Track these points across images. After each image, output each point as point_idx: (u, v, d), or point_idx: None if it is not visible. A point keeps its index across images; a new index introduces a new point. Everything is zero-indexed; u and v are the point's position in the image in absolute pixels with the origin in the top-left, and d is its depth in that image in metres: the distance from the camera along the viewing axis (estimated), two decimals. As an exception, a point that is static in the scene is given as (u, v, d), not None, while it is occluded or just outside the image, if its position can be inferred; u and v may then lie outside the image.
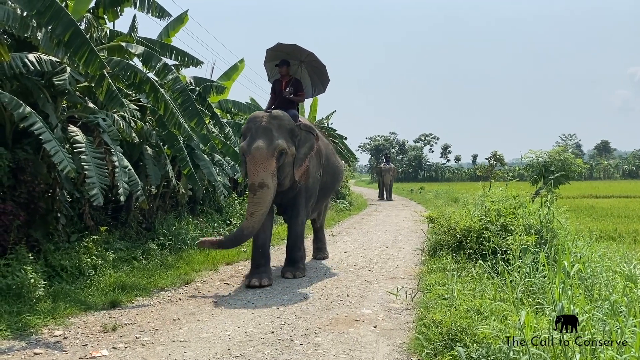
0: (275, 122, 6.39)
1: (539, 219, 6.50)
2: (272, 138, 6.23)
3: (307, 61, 7.32)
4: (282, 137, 6.33)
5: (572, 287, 3.88)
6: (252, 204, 6.14)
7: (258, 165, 6.14)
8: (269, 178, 6.14)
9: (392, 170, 25.25)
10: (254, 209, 6.11)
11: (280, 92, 6.94)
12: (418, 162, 63.90)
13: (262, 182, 6.11)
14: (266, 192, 6.12)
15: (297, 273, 6.74)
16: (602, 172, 60.61)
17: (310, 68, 7.47)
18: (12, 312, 4.55)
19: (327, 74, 7.43)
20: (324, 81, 7.58)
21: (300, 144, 6.59)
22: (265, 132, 6.26)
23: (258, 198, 6.11)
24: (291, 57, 7.18)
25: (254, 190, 6.13)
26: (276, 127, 6.34)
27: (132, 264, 6.63)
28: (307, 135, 6.69)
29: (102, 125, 6.19)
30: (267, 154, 6.15)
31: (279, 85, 7.04)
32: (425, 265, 6.98)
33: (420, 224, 11.55)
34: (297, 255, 6.88)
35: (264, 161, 6.14)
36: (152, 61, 7.09)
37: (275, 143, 6.21)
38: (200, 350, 3.98)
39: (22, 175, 5.68)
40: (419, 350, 3.86)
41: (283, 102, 6.92)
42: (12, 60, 5.45)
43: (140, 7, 8.19)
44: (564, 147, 13.80)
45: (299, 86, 7.06)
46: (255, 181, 6.13)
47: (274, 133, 6.28)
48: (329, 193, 8.14)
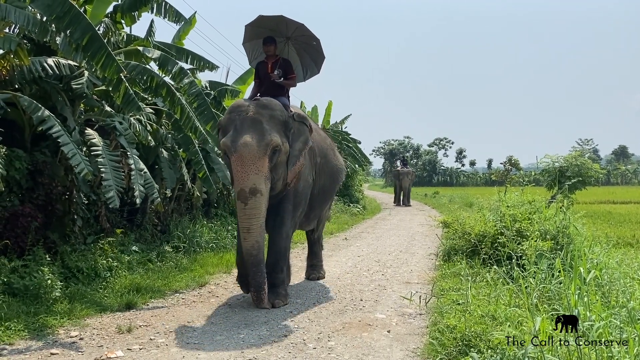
0: (266, 112, 5.24)
1: (555, 224, 6.43)
2: (263, 132, 5.08)
3: (296, 37, 6.04)
4: (275, 130, 5.19)
5: (588, 293, 3.84)
6: (245, 217, 5.00)
7: (247, 167, 4.98)
8: (261, 182, 5.02)
9: (410, 173, 23.77)
10: (249, 223, 5.00)
11: (267, 75, 5.72)
12: (432, 167, 63.66)
13: (254, 188, 4.97)
14: (259, 200, 5.00)
15: (276, 301, 5.33)
16: (619, 177, 59.86)
17: (299, 45, 6.15)
18: (29, 313, 4.60)
19: (322, 50, 6.08)
20: (318, 60, 6.23)
21: (294, 138, 5.46)
22: (254, 124, 5.11)
23: (251, 209, 4.98)
24: (276, 33, 5.90)
25: (244, 199, 4.97)
26: (267, 119, 5.20)
27: (147, 266, 6.68)
28: (300, 128, 5.55)
29: (119, 128, 6.26)
30: (259, 152, 5.01)
31: (264, 67, 5.78)
32: (439, 270, 6.94)
33: (435, 229, 11.50)
34: (277, 278, 5.52)
35: (255, 161, 5.00)
36: (168, 65, 7.17)
37: (267, 138, 5.07)
38: (213, 352, 3.99)
39: (40, 178, 5.77)
40: (432, 355, 3.83)
41: (271, 88, 5.72)
42: (32, 64, 5.56)
43: (158, 11, 8.29)
44: (580, 152, 13.67)
45: (288, 67, 5.82)
46: (246, 187, 4.97)
47: (264, 126, 5.12)
48: (328, 198, 6.81)
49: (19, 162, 5.54)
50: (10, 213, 5.39)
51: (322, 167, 6.30)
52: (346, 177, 19.20)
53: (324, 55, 6.16)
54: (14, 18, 5.24)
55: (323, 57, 6.19)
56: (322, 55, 6.15)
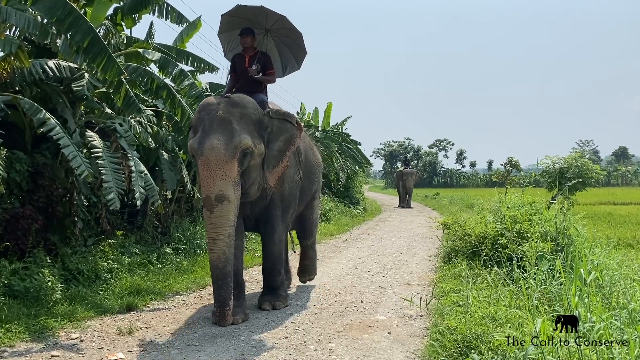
0: (237, 110, 4.81)
1: (555, 225, 6.43)
2: (232, 133, 4.66)
3: (276, 29, 5.66)
4: (246, 131, 4.77)
5: (589, 294, 3.84)
6: (211, 226, 4.58)
7: (214, 172, 4.57)
8: (229, 188, 4.59)
9: (413, 174, 23.06)
10: (215, 233, 4.57)
11: (244, 70, 5.33)
12: (433, 168, 63.54)
13: (221, 195, 4.55)
14: (227, 208, 4.57)
15: (277, 303, 5.38)
16: (620, 178, 59.76)
17: (279, 38, 5.78)
18: (29, 315, 4.61)
19: (304, 44, 5.72)
20: (299, 55, 5.88)
21: (272, 137, 5.06)
22: (222, 124, 4.70)
23: (217, 217, 4.56)
24: (255, 24, 5.53)
25: (209, 207, 4.56)
26: (238, 118, 4.77)
27: (147, 268, 6.68)
28: (281, 126, 5.13)
29: (119, 130, 6.27)
30: (226, 155, 4.59)
31: (242, 61, 5.40)
32: (440, 272, 6.94)
33: (435, 230, 11.50)
34: (276, 280, 5.49)
35: (222, 165, 4.58)
36: (169, 67, 7.18)
37: (236, 140, 4.64)
38: (214, 354, 4.00)
39: (40, 180, 5.78)
40: (433, 357, 3.84)
41: (247, 84, 5.34)
42: (32, 67, 5.57)
43: (159, 13, 8.28)
44: (580, 153, 13.69)
45: (268, 62, 5.44)
46: (212, 193, 4.56)
47: (234, 126, 4.70)
48: (303, 199, 6.19)
49: (19, 164, 5.55)
50: (11, 215, 5.40)
51: (304, 167, 5.96)
52: (347, 179, 19.24)
53: (305, 50, 5.81)
54: (15, 20, 5.26)
55: (304, 53, 5.84)
56: (304, 50, 5.81)
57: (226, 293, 4.58)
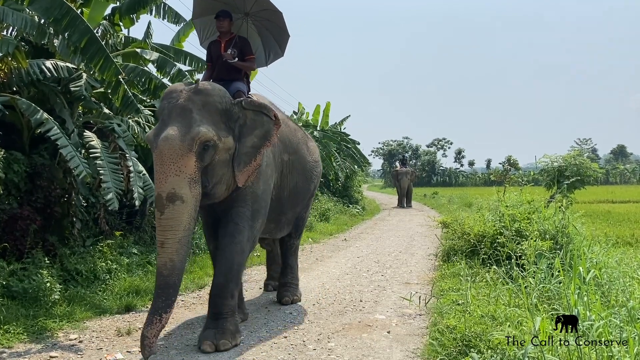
0: (199, 98, 4.15)
1: (554, 224, 6.43)
2: (190, 123, 4.01)
3: (255, 12, 5.04)
4: (208, 121, 4.10)
5: (588, 293, 3.84)
6: (161, 228, 3.88)
7: (167, 166, 3.90)
8: (183, 186, 3.89)
9: (409, 173, 22.84)
10: (164, 237, 3.86)
11: (220, 56, 4.75)
12: (431, 167, 63.64)
13: (173, 194, 3.86)
14: (179, 208, 3.88)
15: (221, 342, 4.09)
16: (618, 176, 59.85)
17: (260, 22, 5.13)
18: (28, 316, 4.60)
19: (285, 26, 5.05)
20: (282, 40, 5.21)
21: (244, 131, 4.39)
22: (182, 114, 4.06)
23: (167, 219, 3.86)
24: (232, 7, 4.92)
25: (160, 207, 3.88)
26: (199, 107, 4.12)
27: (146, 269, 6.66)
28: (256, 118, 4.44)
29: (117, 130, 6.26)
30: (182, 147, 3.91)
31: (217, 47, 4.82)
32: (438, 271, 6.94)
33: (434, 229, 11.51)
34: (225, 306, 4.28)
35: (176, 159, 3.90)
36: (167, 67, 7.17)
37: (194, 131, 3.97)
38: (213, 354, 3.99)
39: (38, 180, 5.77)
40: (432, 356, 3.84)
41: (224, 71, 4.75)
42: (30, 67, 5.57)
43: (157, 13, 8.26)
44: (579, 151, 13.68)
45: (246, 47, 4.85)
46: (163, 191, 3.88)
47: (194, 115, 4.05)
48: (301, 199, 5.64)
49: (17, 164, 5.54)
50: (9, 216, 5.39)
51: (293, 165, 5.31)
52: (345, 178, 19.24)
53: (288, 33, 5.13)
54: (12, 21, 5.25)
55: (287, 36, 5.16)
56: (287, 33, 5.13)
57: (162, 303, 3.77)
